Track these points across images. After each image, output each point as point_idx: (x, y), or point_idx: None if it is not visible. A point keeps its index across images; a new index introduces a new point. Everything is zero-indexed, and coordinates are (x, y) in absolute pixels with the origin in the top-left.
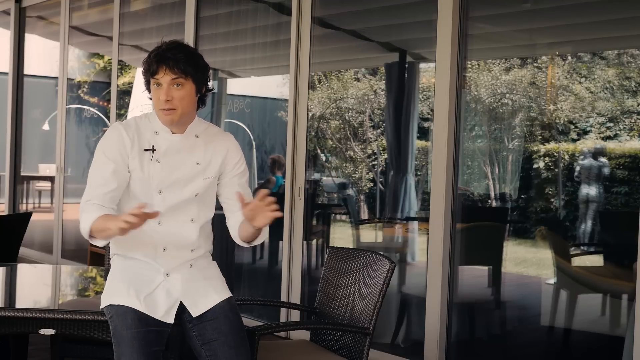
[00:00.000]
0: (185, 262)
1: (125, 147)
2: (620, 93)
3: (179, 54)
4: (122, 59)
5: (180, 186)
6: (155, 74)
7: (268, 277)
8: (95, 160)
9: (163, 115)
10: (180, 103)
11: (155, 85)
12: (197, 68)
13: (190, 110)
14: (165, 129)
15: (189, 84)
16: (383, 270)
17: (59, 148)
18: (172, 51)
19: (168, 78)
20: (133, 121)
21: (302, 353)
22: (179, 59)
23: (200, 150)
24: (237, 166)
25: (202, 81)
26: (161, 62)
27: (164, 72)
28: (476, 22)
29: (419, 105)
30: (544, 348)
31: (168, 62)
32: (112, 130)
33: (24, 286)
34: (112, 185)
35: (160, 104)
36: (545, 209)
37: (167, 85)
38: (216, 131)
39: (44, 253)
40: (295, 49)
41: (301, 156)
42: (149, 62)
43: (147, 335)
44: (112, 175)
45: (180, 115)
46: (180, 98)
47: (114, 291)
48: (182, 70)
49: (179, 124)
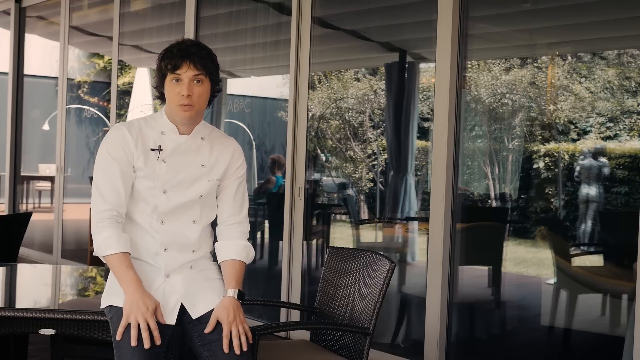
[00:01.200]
0: (185, 263)
1: (129, 147)
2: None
3: (202, 51)
4: (122, 59)
5: (185, 187)
6: (177, 69)
7: (268, 277)
8: (99, 161)
9: (181, 111)
10: (198, 100)
11: (175, 81)
12: (216, 67)
13: (204, 109)
14: (173, 129)
15: (207, 81)
16: (383, 270)
17: (59, 148)
18: (196, 47)
19: (191, 74)
20: (136, 122)
21: (302, 353)
22: (203, 55)
23: (205, 153)
24: (238, 170)
25: (217, 81)
26: (186, 57)
27: (188, 67)
28: (476, 22)
29: (419, 105)
30: (544, 348)
31: (193, 58)
32: (115, 131)
33: (24, 286)
34: (120, 187)
35: (181, 99)
36: (545, 209)
37: (188, 81)
38: (220, 135)
39: (44, 253)
40: (295, 49)
41: (301, 156)
42: (171, 57)
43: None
44: (118, 176)
45: (197, 112)
46: (199, 95)
47: (115, 292)
48: (205, 66)
49: (190, 122)
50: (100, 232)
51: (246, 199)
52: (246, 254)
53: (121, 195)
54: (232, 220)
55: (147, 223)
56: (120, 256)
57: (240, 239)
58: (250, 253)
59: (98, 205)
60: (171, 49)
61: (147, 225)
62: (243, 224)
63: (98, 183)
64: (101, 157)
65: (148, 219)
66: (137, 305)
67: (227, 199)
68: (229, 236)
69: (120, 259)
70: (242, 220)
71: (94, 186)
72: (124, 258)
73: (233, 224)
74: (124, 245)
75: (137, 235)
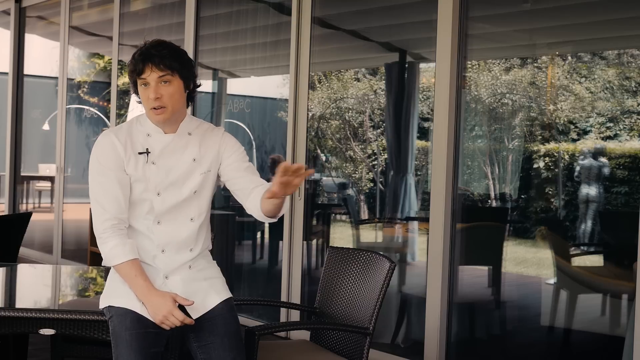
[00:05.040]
0: (184, 263)
1: (118, 153)
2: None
3: (163, 51)
4: (122, 59)
5: (178, 186)
6: (141, 74)
7: (268, 277)
8: (92, 171)
9: (154, 115)
10: (170, 100)
11: (143, 86)
12: (182, 63)
13: (180, 107)
14: (158, 130)
15: (176, 80)
16: (383, 270)
17: (59, 148)
18: (156, 48)
19: (155, 76)
20: (125, 125)
21: (302, 353)
22: (163, 55)
23: (194, 147)
24: (234, 150)
25: (189, 77)
26: (147, 60)
27: (151, 70)
28: (476, 22)
29: (419, 105)
30: (544, 348)
31: (153, 59)
32: (103, 138)
33: (24, 286)
34: (118, 193)
35: (150, 102)
36: (545, 209)
37: (154, 84)
38: (208, 127)
39: (44, 253)
40: (295, 49)
41: (301, 156)
42: (134, 63)
43: (146, 336)
44: (114, 183)
45: (171, 112)
46: (170, 95)
47: (114, 292)
48: (167, 66)
49: (171, 122)
50: (105, 242)
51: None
52: None
53: (120, 202)
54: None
55: (143, 226)
56: (128, 264)
57: None
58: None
59: (99, 216)
60: (134, 55)
61: (143, 228)
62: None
63: (95, 194)
64: (93, 167)
65: (144, 222)
66: (159, 308)
67: (240, 174)
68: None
69: (128, 267)
70: (262, 182)
71: (92, 197)
72: (131, 265)
73: (257, 186)
74: (130, 253)
75: (134, 238)
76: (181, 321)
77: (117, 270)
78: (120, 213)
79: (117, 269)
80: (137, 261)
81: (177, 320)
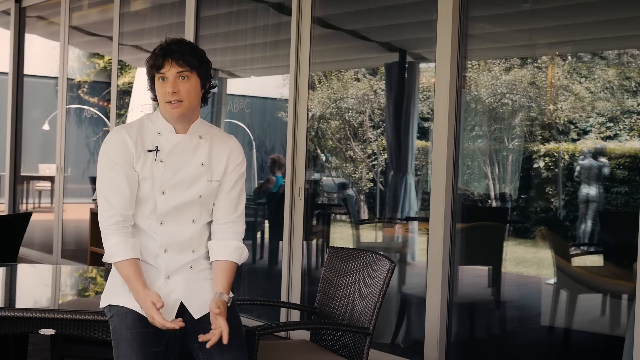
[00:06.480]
0: (186, 263)
1: (129, 150)
2: (620, 93)
3: (184, 47)
4: (122, 59)
5: (184, 187)
6: (161, 68)
7: (268, 277)
8: (101, 167)
9: (170, 108)
10: (187, 95)
11: (161, 80)
12: (201, 62)
13: (195, 105)
14: (169, 129)
15: (194, 77)
16: (383, 270)
17: (59, 148)
18: (177, 44)
19: (174, 71)
20: (136, 123)
21: (302, 353)
22: (184, 52)
23: (204, 151)
24: (237, 168)
25: (206, 76)
26: (167, 55)
27: (170, 65)
28: (476, 22)
29: (419, 105)
30: (544, 348)
31: (174, 55)
32: (114, 134)
33: (24, 286)
34: (126, 190)
35: (167, 96)
36: (545, 209)
37: (173, 78)
38: (219, 132)
39: (44, 253)
40: (295, 49)
41: (301, 156)
42: (154, 57)
43: (147, 336)
44: (123, 180)
45: (187, 108)
46: (187, 90)
47: (115, 291)
48: (187, 62)
49: (184, 120)
50: (108, 238)
51: (243, 198)
52: (238, 255)
53: (127, 199)
54: (225, 218)
55: (146, 225)
56: (127, 263)
57: (234, 239)
58: (243, 254)
59: (104, 211)
60: (154, 50)
61: (146, 227)
62: (237, 223)
63: (103, 189)
64: (103, 163)
65: (147, 221)
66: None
67: (222, 197)
68: (221, 236)
69: (126, 266)
70: (236, 220)
71: (99, 192)
72: (129, 265)
73: (227, 222)
74: (131, 252)
75: (138, 237)
76: (162, 325)
77: (116, 268)
78: (126, 210)
79: (116, 267)
80: (136, 261)
81: (159, 323)
